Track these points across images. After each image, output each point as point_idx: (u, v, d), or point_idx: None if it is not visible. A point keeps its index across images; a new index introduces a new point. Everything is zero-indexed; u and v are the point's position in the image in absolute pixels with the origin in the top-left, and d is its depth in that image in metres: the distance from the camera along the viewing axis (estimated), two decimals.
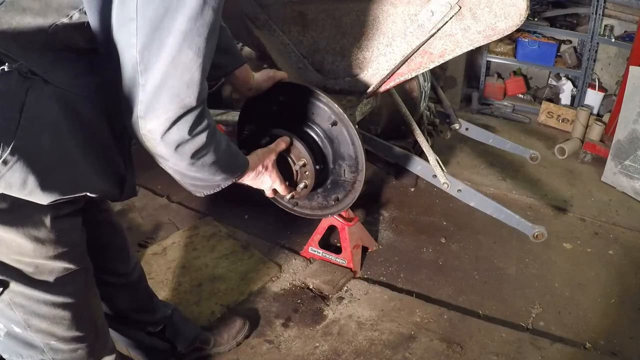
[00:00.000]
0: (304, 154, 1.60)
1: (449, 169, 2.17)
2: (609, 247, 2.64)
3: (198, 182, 1.12)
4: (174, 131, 0.91)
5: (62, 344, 1.14)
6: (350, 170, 1.68)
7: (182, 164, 0.99)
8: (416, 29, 1.50)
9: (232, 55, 1.44)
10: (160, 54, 0.84)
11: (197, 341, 1.81)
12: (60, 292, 1.08)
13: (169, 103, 0.88)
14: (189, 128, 0.92)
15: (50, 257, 1.03)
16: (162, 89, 0.86)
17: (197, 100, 0.90)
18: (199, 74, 0.88)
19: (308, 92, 1.60)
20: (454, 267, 2.46)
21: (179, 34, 0.82)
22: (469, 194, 1.94)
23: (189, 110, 0.90)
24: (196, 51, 0.85)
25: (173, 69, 0.85)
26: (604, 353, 1.96)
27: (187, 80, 0.87)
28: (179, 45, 0.83)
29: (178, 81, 0.86)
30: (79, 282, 1.13)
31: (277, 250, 2.50)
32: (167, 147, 0.94)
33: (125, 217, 2.77)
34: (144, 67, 0.85)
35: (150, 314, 1.67)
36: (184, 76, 0.86)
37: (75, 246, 1.11)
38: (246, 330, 1.93)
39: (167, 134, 0.91)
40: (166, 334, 1.73)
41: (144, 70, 0.85)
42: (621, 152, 3.14)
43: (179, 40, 0.83)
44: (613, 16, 3.96)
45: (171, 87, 0.86)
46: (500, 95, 4.64)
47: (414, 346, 1.94)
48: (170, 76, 0.85)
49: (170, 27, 0.81)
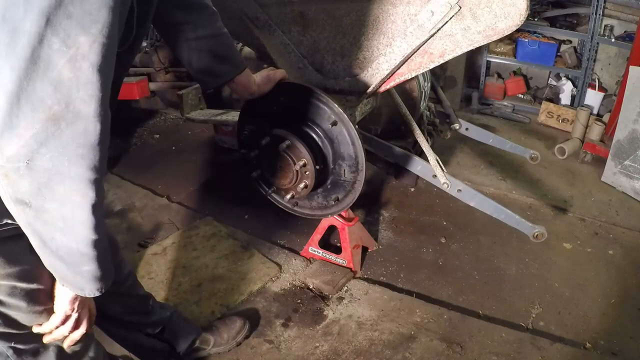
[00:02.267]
0: (304, 154, 1.60)
1: (449, 169, 2.17)
2: (609, 247, 2.64)
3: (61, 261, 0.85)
4: (44, 154, 0.67)
5: (24, 345, 1.11)
6: (350, 170, 1.68)
7: (52, 206, 0.73)
8: (416, 29, 1.50)
9: (231, 63, 1.41)
10: (15, 43, 0.62)
11: (197, 342, 1.81)
12: (12, 307, 1.03)
13: (31, 113, 0.65)
14: (67, 146, 0.69)
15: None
16: (19, 94, 0.64)
17: (67, 106, 0.67)
18: (69, 70, 0.65)
19: (308, 92, 1.60)
20: (454, 267, 2.46)
21: (38, 15, 0.60)
22: (469, 194, 1.94)
23: (61, 122, 0.67)
24: (64, 38, 0.63)
25: (33, 65, 0.63)
26: (604, 353, 1.96)
27: (54, 80, 0.65)
28: (39, 31, 0.61)
29: (43, 83, 0.64)
30: (35, 299, 1.04)
31: (277, 250, 2.50)
32: (34, 179, 0.70)
33: (125, 217, 2.77)
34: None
35: (146, 316, 1.67)
36: (49, 74, 0.64)
37: (24, 265, 0.99)
38: (246, 331, 1.93)
39: (35, 160, 0.68)
40: (165, 335, 1.72)
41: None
42: (621, 152, 3.14)
43: (39, 24, 0.61)
44: (613, 16, 3.96)
45: (33, 92, 0.64)
46: (500, 95, 4.64)
47: (414, 346, 1.94)
48: (31, 75, 0.63)
49: (27, 5, 0.60)
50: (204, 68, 1.39)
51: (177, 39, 1.34)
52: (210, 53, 1.36)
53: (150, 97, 3.73)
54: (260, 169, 1.80)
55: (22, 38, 0.61)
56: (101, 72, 0.68)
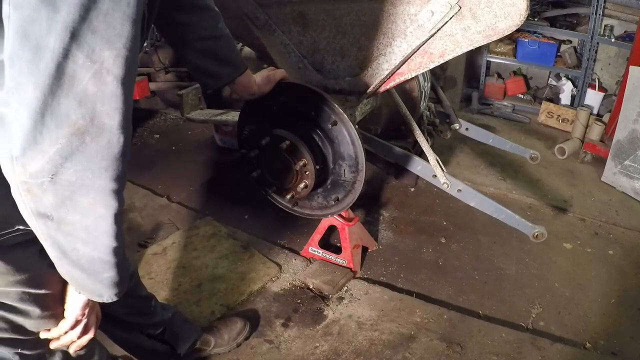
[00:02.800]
0: (304, 154, 1.60)
1: (449, 169, 2.17)
2: (609, 247, 2.64)
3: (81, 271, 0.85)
4: (68, 169, 0.67)
5: (30, 351, 1.11)
6: (350, 170, 1.68)
7: (75, 218, 0.74)
8: (416, 29, 1.50)
9: (232, 65, 1.42)
10: (39, 60, 0.61)
11: (198, 343, 1.80)
12: (21, 313, 1.04)
13: (56, 129, 0.64)
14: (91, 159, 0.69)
15: (1, 286, 0.98)
16: (43, 110, 0.63)
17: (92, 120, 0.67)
18: (94, 85, 0.64)
19: (308, 92, 1.60)
20: (454, 267, 2.46)
21: (62, 30, 0.60)
22: (469, 194, 1.94)
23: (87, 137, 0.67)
24: (88, 53, 0.63)
25: (57, 82, 0.62)
26: (604, 353, 1.96)
27: (78, 94, 0.64)
28: (64, 47, 0.61)
29: (67, 99, 0.63)
30: (45, 304, 1.06)
31: (277, 250, 2.50)
32: (58, 193, 0.70)
33: (125, 217, 2.77)
34: (17, 82, 0.62)
35: (148, 317, 1.66)
36: (74, 90, 0.63)
37: (32, 271, 1.00)
38: (247, 332, 1.93)
39: (59, 174, 0.68)
40: (166, 337, 1.72)
41: (18, 86, 0.62)
42: (621, 152, 3.14)
43: (63, 39, 0.60)
44: (613, 16, 3.96)
45: (58, 107, 0.64)
46: (500, 95, 4.64)
47: (414, 346, 1.94)
48: (56, 92, 0.62)
49: (51, 20, 0.59)
50: (205, 69, 1.39)
51: (179, 40, 1.34)
52: (211, 54, 1.36)
53: (150, 97, 3.73)
54: (260, 169, 1.80)
55: (46, 54, 0.61)
56: (125, 85, 0.68)
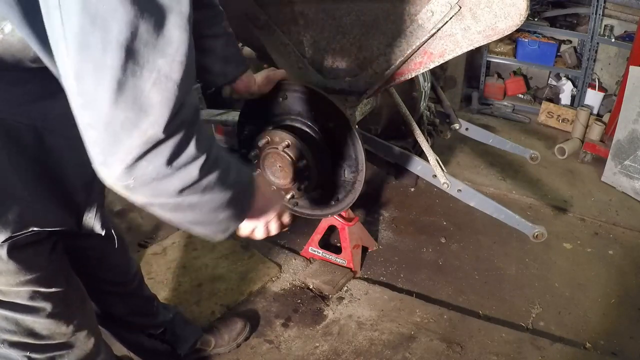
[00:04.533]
0: (304, 154, 1.60)
1: (449, 169, 2.17)
2: (609, 247, 2.64)
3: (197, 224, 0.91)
4: (144, 169, 0.72)
5: (39, 354, 1.11)
6: (350, 170, 1.68)
7: (170, 201, 0.80)
8: (416, 29, 1.50)
9: (234, 64, 1.42)
10: (100, 78, 0.64)
11: (198, 343, 1.81)
12: (32, 312, 1.05)
13: (128, 139, 0.68)
14: (166, 161, 0.73)
15: (12, 285, 0.99)
16: (114, 124, 0.67)
17: (165, 128, 0.69)
18: (156, 93, 0.68)
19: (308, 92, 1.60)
20: (454, 267, 2.46)
21: (117, 48, 0.63)
22: (469, 194, 1.94)
23: (158, 143, 0.70)
24: (144, 65, 0.66)
25: (121, 96, 0.66)
26: (604, 353, 1.96)
27: (143, 106, 0.67)
28: (121, 64, 0.64)
29: (133, 111, 0.67)
30: (55, 301, 1.09)
31: (277, 250, 2.50)
32: (146, 190, 0.76)
33: (125, 217, 2.77)
34: (84, 99, 0.66)
35: (150, 317, 1.66)
36: (138, 102, 0.67)
37: (43, 270, 1.03)
38: (247, 332, 1.93)
39: (141, 177, 0.73)
40: (167, 337, 1.72)
41: (85, 103, 0.67)
42: (621, 152, 3.14)
43: (120, 57, 0.64)
44: (613, 16, 3.95)
45: (127, 120, 0.67)
46: (500, 95, 4.64)
47: (414, 346, 1.94)
48: (121, 106, 0.66)
49: (104, 40, 0.63)
50: (207, 67, 1.39)
51: None
52: (214, 53, 1.36)
53: None
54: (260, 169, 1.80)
55: (106, 73, 0.64)
56: (185, 87, 0.72)
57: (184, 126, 0.73)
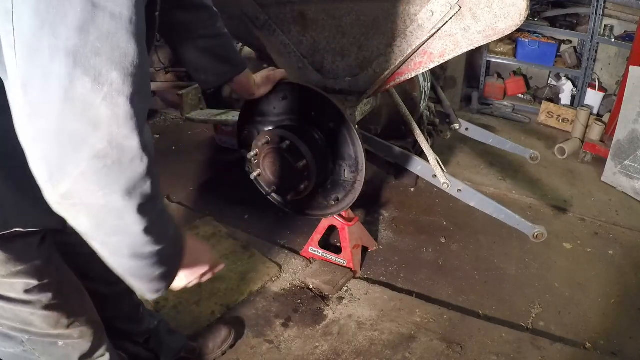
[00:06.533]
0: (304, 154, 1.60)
1: (449, 169, 2.17)
2: (609, 247, 2.64)
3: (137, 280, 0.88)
4: (95, 192, 0.67)
5: (39, 338, 1.13)
6: (350, 170, 1.68)
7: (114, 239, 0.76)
8: (416, 29, 1.50)
9: (232, 64, 1.42)
10: (47, 87, 0.61)
11: (182, 351, 1.79)
12: (27, 304, 1.06)
13: (75, 153, 0.64)
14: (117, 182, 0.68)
15: (4, 276, 1.00)
16: (62, 135, 0.63)
17: (110, 141, 0.65)
18: (107, 108, 0.63)
19: (308, 92, 1.60)
20: (454, 267, 2.46)
21: (64, 56, 0.60)
22: (469, 194, 1.94)
23: (105, 156, 0.66)
24: (95, 77, 0.62)
25: (69, 106, 0.62)
26: (604, 353, 1.96)
27: (92, 118, 0.63)
28: (68, 72, 0.61)
29: (81, 123, 0.63)
30: (49, 294, 1.09)
31: (277, 250, 2.50)
32: (91, 215, 0.72)
33: None
34: (31, 109, 0.62)
35: (136, 324, 1.66)
36: (87, 114, 0.63)
37: (33, 261, 1.04)
38: (232, 339, 1.91)
39: (87, 198, 0.68)
40: (150, 345, 1.71)
41: (32, 113, 0.63)
42: (621, 152, 3.14)
43: (67, 65, 0.60)
44: (613, 16, 3.95)
45: (74, 132, 0.63)
46: (500, 95, 4.64)
47: (414, 346, 1.94)
48: (68, 117, 0.62)
49: (52, 47, 0.59)
50: (204, 68, 1.39)
51: (177, 39, 1.34)
52: (210, 53, 1.37)
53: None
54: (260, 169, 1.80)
55: (54, 81, 0.61)
56: (140, 103, 0.68)
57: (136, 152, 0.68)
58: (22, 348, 1.13)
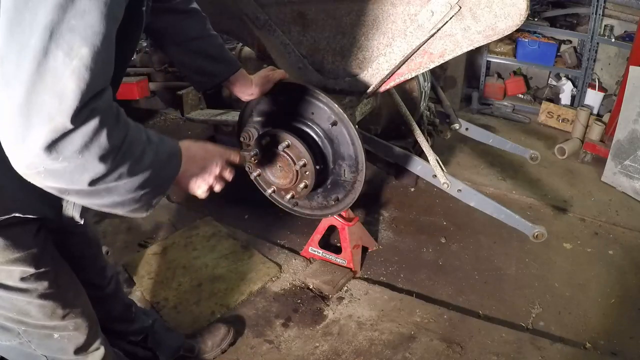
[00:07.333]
0: (304, 154, 1.60)
1: (449, 169, 2.17)
2: (609, 247, 2.64)
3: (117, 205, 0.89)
4: (54, 158, 0.70)
5: (35, 329, 1.15)
6: (350, 170, 1.68)
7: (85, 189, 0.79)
8: (416, 29, 1.50)
9: (225, 63, 1.43)
10: (22, 59, 0.65)
11: (181, 350, 1.79)
12: (24, 292, 1.08)
13: (40, 125, 0.67)
14: (76, 151, 0.71)
15: (2, 263, 1.02)
16: (29, 107, 0.66)
17: (71, 118, 0.68)
18: (73, 82, 0.67)
19: (308, 92, 1.60)
20: (454, 267, 2.46)
21: (42, 31, 0.64)
22: (469, 194, 1.94)
23: (68, 132, 0.69)
24: (67, 51, 0.66)
25: (39, 78, 0.65)
26: (604, 353, 1.96)
27: (59, 92, 0.67)
28: (44, 46, 0.65)
29: (48, 95, 0.66)
30: (45, 283, 1.11)
31: (277, 250, 2.50)
32: (57, 179, 0.74)
33: (125, 217, 2.76)
34: (4, 80, 0.66)
35: (128, 324, 1.66)
36: (54, 87, 0.66)
37: (30, 248, 1.06)
38: (231, 338, 1.91)
39: (50, 166, 0.71)
40: (148, 343, 1.71)
41: (4, 84, 0.66)
42: (621, 152, 3.14)
43: (43, 39, 0.64)
44: (613, 16, 3.96)
45: (41, 104, 0.66)
46: (500, 95, 4.64)
47: (414, 346, 1.94)
48: (37, 88, 0.66)
49: (32, 22, 0.64)
50: (198, 68, 1.40)
51: (170, 43, 1.36)
52: (202, 54, 1.38)
53: (150, 97, 3.72)
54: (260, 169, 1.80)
55: (29, 54, 0.65)
56: (103, 78, 0.72)
57: (96, 116, 0.72)
58: (19, 340, 1.14)
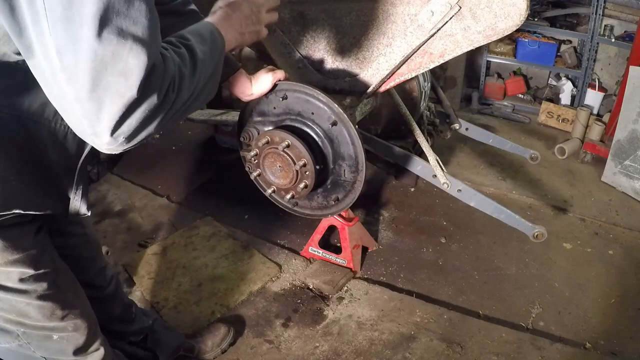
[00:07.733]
0: (304, 154, 1.60)
1: (449, 169, 2.17)
2: (609, 247, 2.64)
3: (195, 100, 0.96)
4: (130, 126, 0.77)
5: (34, 331, 1.15)
6: (350, 170, 1.68)
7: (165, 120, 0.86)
8: (416, 29, 1.50)
9: (224, 64, 1.42)
10: (79, 50, 0.69)
11: (181, 350, 1.79)
12: (23, 293, 1.07)
13: (111, 105, 0.73)
14: (145, 117, 0.79)
15: (0, 265, 1.02)
16: (98, 92, 0.72)
17: (139, 89, 0.75)
18: (132, 58, 0.73)
19: (308, 92, 1.60)
20: (454, 267, 2.46)
21: (91, 21, 0.68)
22: (469, 194, 1.94)
23: (135, 104, 0.76)
24: (118, 32, 0.71)
25: (100, 64, 0.70)
26: (604, 353, 1.96)
27: (122, 70, 0.72)
28: (96, 34, 0.69)
29: (113, 76, 0.72)
30: (44, 284, 1.11)
31: (277, 250, 2.50)
32: (140, 136, 0.82)
33: (125, 217, 2.77)
34: (68, 73, 0.70)
35: (128, 324, 1.66)
36: (116, 67, 0.72)
37: (29, 250, 1.06)
38: (231, 338, 1.91)
39: (129, 138, 0.79)
40: (148, 344, 1.71)
41: (69, 77, 0.71)
42: (621, 152, 3.14)
43: (94, 28, 0.68)
44: (613, 16, 3.95)
45: (108, 86, 0.72)
46: (500, 95, 4.64)
47: (414, 346, 1.94)
48: (101, 74, 0.71)
49: (81, 13, 0.67)
50: None
51: None
52: None
53: None
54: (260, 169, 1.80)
55: (84, 44, 0.69)
56: (156, 49, 0.79)
57: (158, 81, 0.79)
58: (18, 342, 1.14)
